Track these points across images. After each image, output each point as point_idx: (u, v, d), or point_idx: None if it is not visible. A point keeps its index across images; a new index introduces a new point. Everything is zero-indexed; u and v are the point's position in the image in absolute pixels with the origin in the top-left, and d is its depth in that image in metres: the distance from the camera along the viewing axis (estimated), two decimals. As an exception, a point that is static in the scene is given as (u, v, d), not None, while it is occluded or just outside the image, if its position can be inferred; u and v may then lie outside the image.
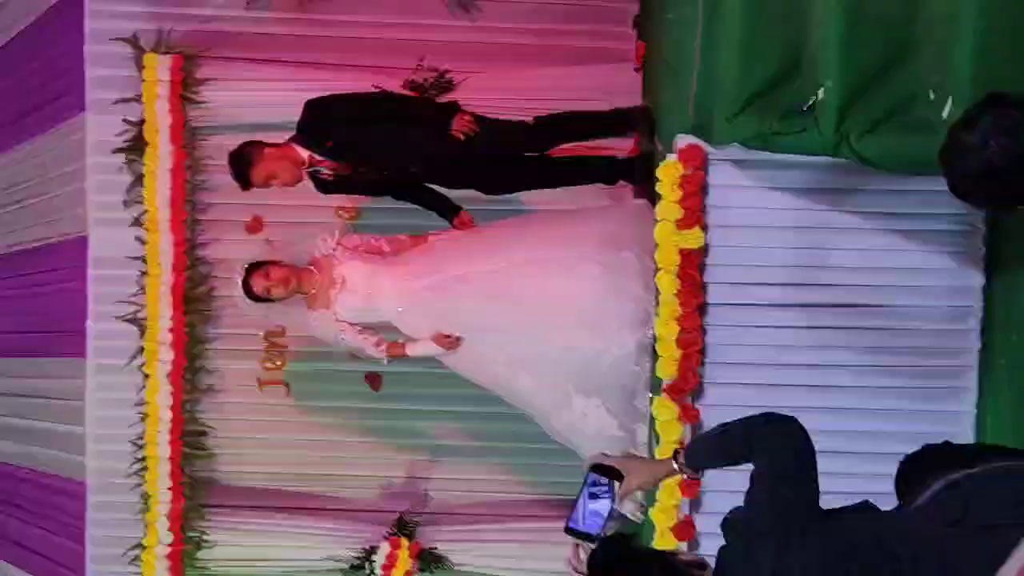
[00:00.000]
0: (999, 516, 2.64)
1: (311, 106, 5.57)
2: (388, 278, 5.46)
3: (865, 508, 2.90)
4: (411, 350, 5.53)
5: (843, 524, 2.77)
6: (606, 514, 3.06)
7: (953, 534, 2.66)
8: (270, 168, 5.51)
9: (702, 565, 2.85)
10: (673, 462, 3.15)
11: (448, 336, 5.39)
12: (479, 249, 5.50)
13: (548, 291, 5.25)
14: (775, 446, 2.85)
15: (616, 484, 3.09)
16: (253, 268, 5.46)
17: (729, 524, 2.85)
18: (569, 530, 3.07)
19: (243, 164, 5.53)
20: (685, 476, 3.17)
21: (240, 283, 5.48)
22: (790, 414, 2.93)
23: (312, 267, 5.49)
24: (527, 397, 5.49)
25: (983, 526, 2.64)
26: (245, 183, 5.56)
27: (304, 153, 5.55)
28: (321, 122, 5.54)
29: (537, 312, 5.26)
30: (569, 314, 5.21)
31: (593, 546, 3.00)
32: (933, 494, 2.85)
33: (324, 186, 5.70)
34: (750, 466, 2.86)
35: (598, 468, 3.12)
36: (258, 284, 5.42)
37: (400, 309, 5.45)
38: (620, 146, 6.29)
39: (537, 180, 5.92)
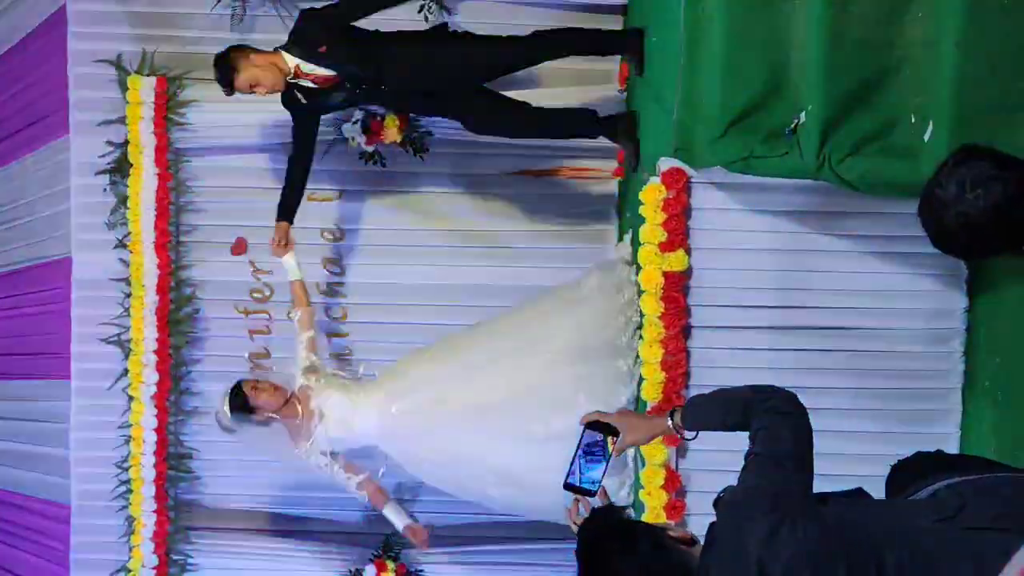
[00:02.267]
0: (987, 521, 2.67)
1: (306, 14, 5.60)
2: (363, 406, 5.43)
3: (857, 495, 2.92)
4: (387, 510, 5.61)
5: (834, 513, 2.77)
6: (603, 470, 3.12)
7: (940, 530, 2.68)
8: (254, 74, 5.50)
9: (692, 541, 2.85)
10: (669, 420, 3.18)
11: (418, 532, 5.58)
12: (452, 367, 5.46)
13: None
14: (776, 426, 2.86)
15: (611, 441, 3.14)
16: (243, 382, 5.45)
17: (722, 503, 2.85)
18: (568, 486, 3.13)
19: (228, 69, 5.52)
20: (680, 436, 3.21)
21: (227, 397, 5.42)
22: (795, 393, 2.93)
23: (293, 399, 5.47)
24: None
25: (969, 527, 2.67)
26: (229, 88, 5.55)
27: (292, 62, 5.53)
28: (315, 29, 5.53)
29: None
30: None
31: (593, 501, 3.06)
32: (933, 492, 2.88)
33: (299, 107, 5.68)
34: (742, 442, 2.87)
35: (594, 425, 3.18)
36: (247, 387, 5.38)
37: (379, 437, 5.45)
38: (605, 167, 6.32)
39: (525, 126, 5.88)
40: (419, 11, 6.26)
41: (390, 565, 6.34)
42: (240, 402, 5.36)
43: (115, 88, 6.36)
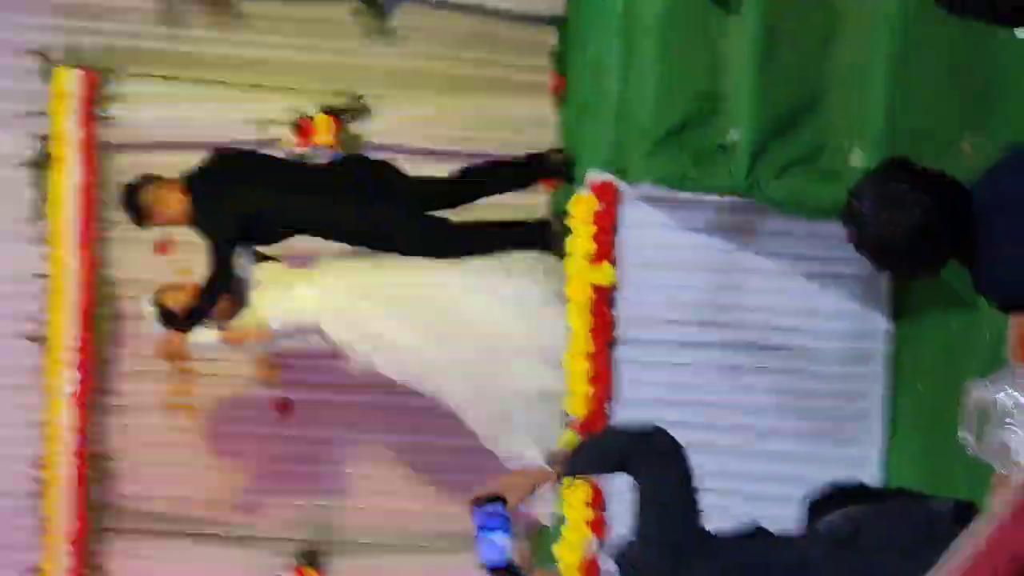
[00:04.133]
0: (883, 543, 2.68)
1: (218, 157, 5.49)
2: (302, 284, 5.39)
3: (753, 531, 2.92)
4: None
5: (727, 548, 2.79)
6: (508, 539, 3.08)
7: (836, 556, 2.70)
8: (164, 214, 5.42)
9: None
10: (549, 468, 3.16)
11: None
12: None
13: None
14: (656, 468, 2.86)
15: (500, 506, 3.12)
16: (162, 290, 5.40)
17: (622, 559, 2.86)
18: (491, 570, 3.08)
19: (138, 210, 5.45)
20: (559, 483, 3.20)
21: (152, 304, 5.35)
22: (665, 429, 2.93)
23: None
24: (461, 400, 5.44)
25: (870, 550, 2.68)
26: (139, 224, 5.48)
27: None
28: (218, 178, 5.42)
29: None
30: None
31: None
32: (829, 520, 2.89)
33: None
34: None
35: (478, 502, 3.14)
36: (169, 298, 5.32)
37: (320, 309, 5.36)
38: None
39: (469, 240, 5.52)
40: None
41: (312, 574, 6.29)
42: (165, 316, 5.41)
43: (38, 80, 6.24)
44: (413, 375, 5.38)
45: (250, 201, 5.33)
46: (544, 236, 5.38)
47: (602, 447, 3.10)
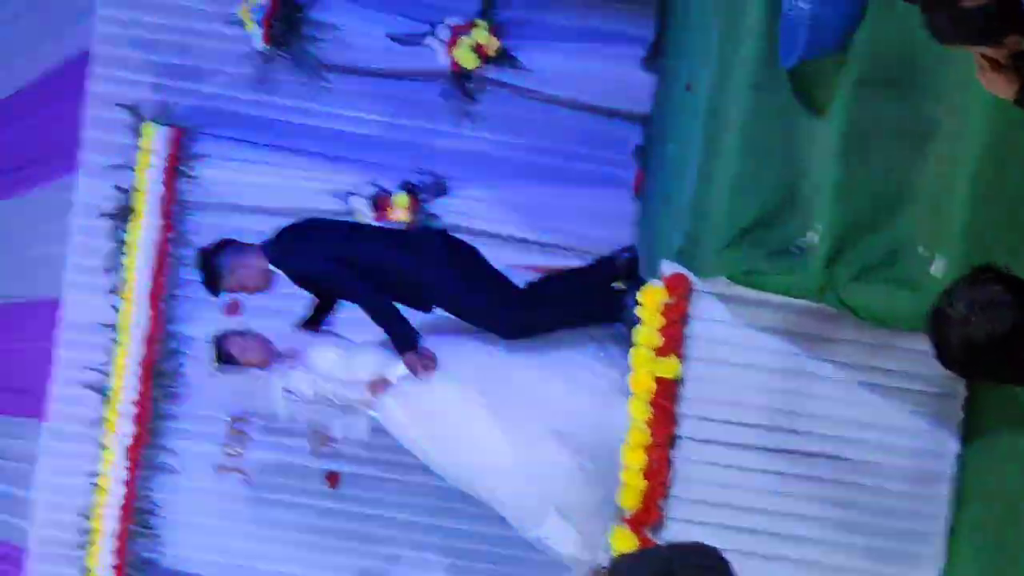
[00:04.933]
0: None
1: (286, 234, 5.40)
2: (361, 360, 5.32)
3: None
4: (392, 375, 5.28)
5: None
6: None
7: None
8: (240, 279, 5.36)
9: None
10: None
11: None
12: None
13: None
14: None
15: None
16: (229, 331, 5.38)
17: None
18: None
19: (214, 275, 5.38)
20: None
21: (213, 344, 5.34)
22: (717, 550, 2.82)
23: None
24: (504, 503, 5.35)
25: None
26: (215, 293, 5.45)
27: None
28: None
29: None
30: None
31: None
32: None
33: None
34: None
35: None
36: (233, 344, 5.28)
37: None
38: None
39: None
40: None
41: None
42: (225, 356, 5.31)
43: (129, 134, 6.36)
44: (462, 469, 5.32)
45: (327, 252, 5.28)
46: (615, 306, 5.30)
47: (649, 559, 2.97)
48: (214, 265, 5.32)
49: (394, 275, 5.26)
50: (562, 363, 5.24)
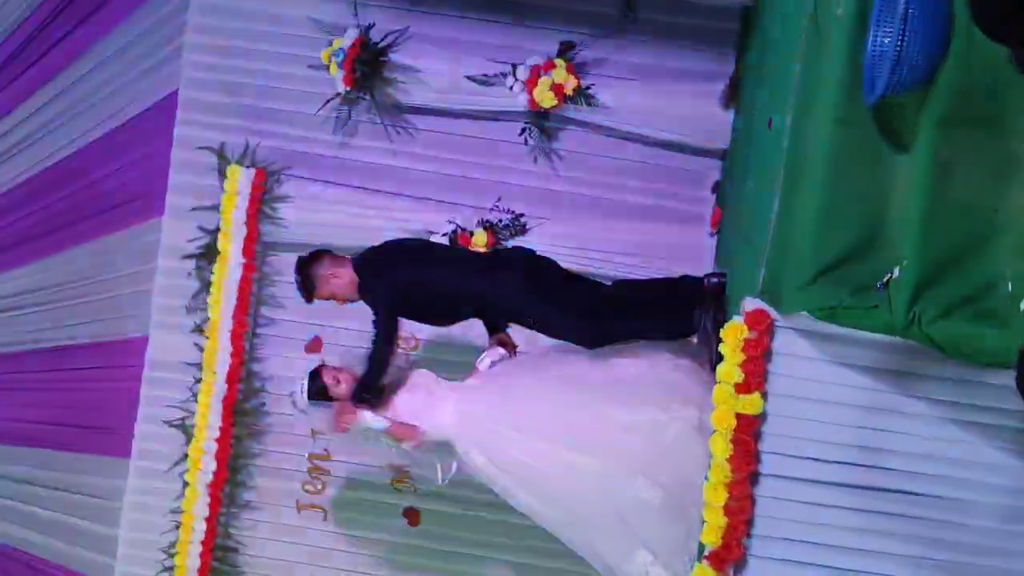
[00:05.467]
0: None
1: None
2: (442, 399, 5.34)
3: None
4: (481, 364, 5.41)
5: None
6: None
7: None
8: (331, 290, 5.42)
9: None
10: None
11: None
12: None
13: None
14: None
15: None
16: (323, 368, 5.43)
17: None
18: None
19: (309, 283, 5.46)
20: None
21: (307, 377, 5.39)
22: None
23: None
24: (591, 543, 5.33)
25: None
26: (308, 298, 5.50)
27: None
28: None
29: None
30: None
31: None
32: None
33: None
34: None
35: None
36: (328, 375, 5.35)
37: (453, 427, 5.30)
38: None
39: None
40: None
41: None
42: (318, 390, 5.31)
43: (214, 175, 6.47)
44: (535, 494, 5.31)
45: (408, 271, 5.35)
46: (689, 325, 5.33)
47: None
48: (309, 273, 5.41)
49: (468, 298, 5.34)
50: (639, 411, 5.22)
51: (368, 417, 5.20)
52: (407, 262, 5.38)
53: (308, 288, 5.41)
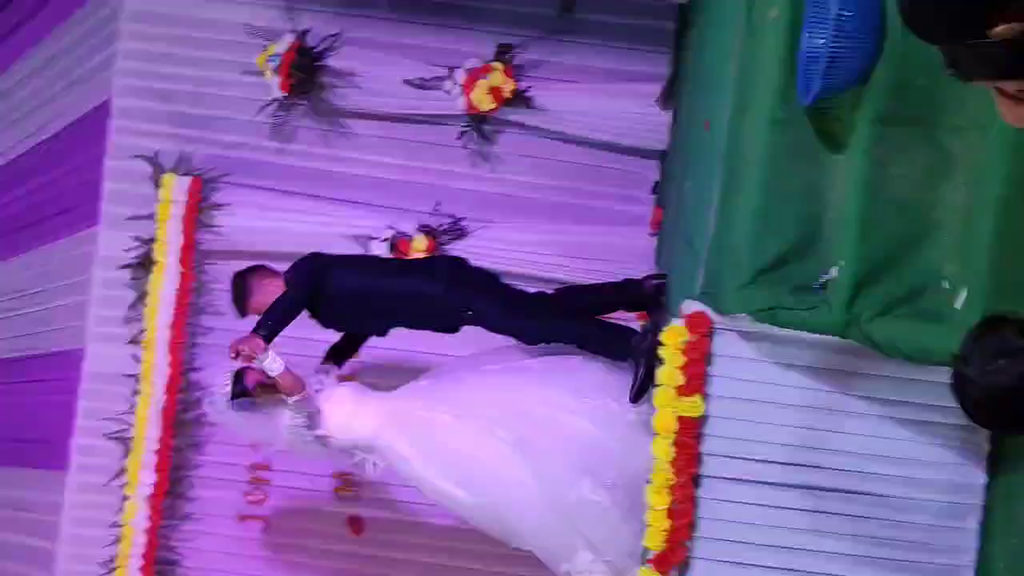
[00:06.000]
0: None
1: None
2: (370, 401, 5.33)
3: None
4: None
5: None
6: None
7: None
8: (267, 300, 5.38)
9: None
10: None
11: None
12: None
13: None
14: None
15: None
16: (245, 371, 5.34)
17: None
18: None
19: (242, 292, 5.43)
20: None
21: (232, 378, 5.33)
22: None
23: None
24: (531, 538, 5.31)
25: None
26: (241, 311, 5.46)
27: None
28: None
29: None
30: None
31: None
32: None
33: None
34: None
35: None
36: (250, 376, 5.29)
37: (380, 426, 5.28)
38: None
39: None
40: None
41: None
42: (242, 390, 5.28)
43: (149, 184, 6.38)
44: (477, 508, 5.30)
45: (336, 270, 5.37)
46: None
47: None
48: (243, 284, 5.40)
49: (408, 300, 5.33)
50: (589, 396, 5.22)
51: (269, 355, 5.16)
52: (333, 262, 5.41)
53: (242, 299, 5.36)
